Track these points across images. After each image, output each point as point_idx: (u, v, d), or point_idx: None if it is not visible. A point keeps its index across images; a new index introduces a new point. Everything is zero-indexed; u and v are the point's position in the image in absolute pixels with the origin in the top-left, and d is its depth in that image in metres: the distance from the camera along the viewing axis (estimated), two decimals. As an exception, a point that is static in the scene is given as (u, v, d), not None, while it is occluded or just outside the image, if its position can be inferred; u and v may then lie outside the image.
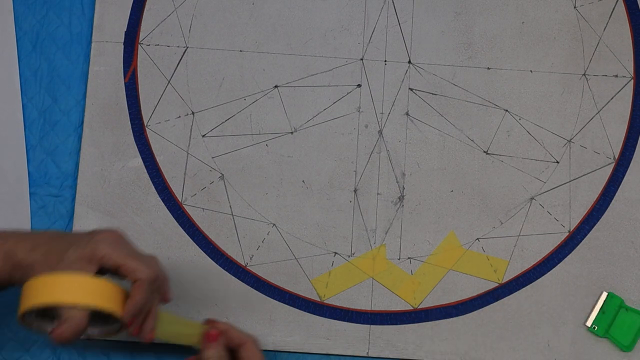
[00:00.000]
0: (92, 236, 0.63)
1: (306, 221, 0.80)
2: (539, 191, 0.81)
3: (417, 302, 0.79)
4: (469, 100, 0.83)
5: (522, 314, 0.79)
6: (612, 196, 0.81)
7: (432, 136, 0.82)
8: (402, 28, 0.84)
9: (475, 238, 0.81)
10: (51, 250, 0.61)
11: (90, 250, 0.61)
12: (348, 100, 0.83)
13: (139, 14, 0.84)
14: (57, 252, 0.61)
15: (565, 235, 0.81)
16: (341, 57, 0.84)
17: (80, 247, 0.61)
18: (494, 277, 0.80)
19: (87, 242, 0.62)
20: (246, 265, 0.80)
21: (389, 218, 0.81)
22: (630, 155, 0.82)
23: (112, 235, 0.63)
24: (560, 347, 0.79)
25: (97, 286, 0.61)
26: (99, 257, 0.61)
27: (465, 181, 0.81)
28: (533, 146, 0.82)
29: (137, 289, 0.62)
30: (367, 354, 0.78)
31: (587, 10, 0.85)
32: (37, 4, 0.84)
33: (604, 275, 0.80)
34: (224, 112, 0.82)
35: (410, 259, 0.80)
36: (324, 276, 0.79)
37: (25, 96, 0.82)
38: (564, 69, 0.84)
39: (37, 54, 0.83)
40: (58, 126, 0.82)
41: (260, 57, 0.83)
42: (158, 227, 0.80)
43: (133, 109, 0.82)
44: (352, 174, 0.81)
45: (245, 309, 0.79)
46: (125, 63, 0.83)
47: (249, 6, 0.84)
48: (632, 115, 0.83)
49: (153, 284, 0.63)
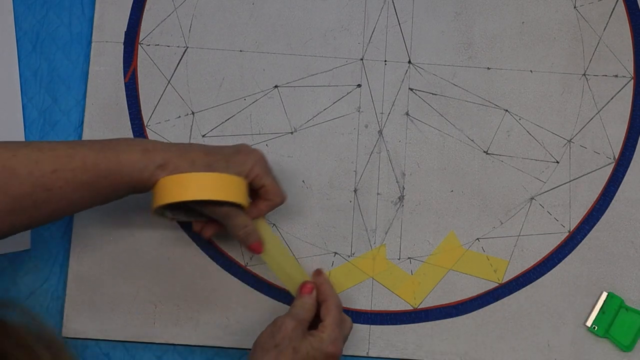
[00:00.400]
0: (247, 155, 0.70)
1: (306, 221, 0.80)
2: (539, 191, 0.81)
3: (417, 302, 0.79)
4: (469, 100, 0.83)
5: (522, 314, 0.79)
6: (612, 196, 0.81)
7: (432, 136, 0.82)
8: (402, 28, 0.84)
9: (475, 238, 0.81)
10: (211, 166, 0.68)
11: (249, 168, 0.69)
12: (348, 100, 0.83)
13: (139, 14, 0.84)
14: (216, 168, 0.68)
15: (565, 235, 0.81)
16: (341, 57, 0.84)
17: (238, 165, 0.69)
18: (494, 277, 0.80)
19: (244, 162, 0.69)
20: (246, 265, 0.80)
21: (389, 218, 0.81)
22: (630, 155, 0.82)
23: (262, 157, 0.71)
24: (560, 347, 0.79)
25: (234, 182, 0.68)
26: (253, 176, 0.70)
27: (465, 181, 0.81)
28: (533, 146, 0.82)
29: (268, 207, 0.72)
30: (367, 354, 0.78)
31: (587, 10, 0.85)
32: (37, 4, 0.84)
33: (604, 275, 0.80)
34: (224, 112, 0.82)
35: (410, 259, 0.80)
36: (324, 276, 0.79)
37: (25, 96, 0.82)
38: (564, 69, 0.84)
39: (37, 54, 0.83)
40: (58, 126, 0.82)
41: (260, 57, 0.83)
42: (158, 226, 0.80)
43: (133, 109, 0.82)
44: (352, 174, 0.81)
45: (245, 309, 0.79)
46: (125, 63, 0.83)
47: (249, 6, 0.84)
48: (632, 115, 0.83)
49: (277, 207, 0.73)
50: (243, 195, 0.69)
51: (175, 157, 0.66)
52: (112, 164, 0.65)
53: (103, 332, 0.78)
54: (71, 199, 0.64)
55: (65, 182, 0.63)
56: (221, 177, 0.67)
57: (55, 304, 0.79)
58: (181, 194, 0.66)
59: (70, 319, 0.78)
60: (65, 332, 0.78)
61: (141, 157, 0.66)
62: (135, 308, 0.78)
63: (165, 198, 0.66)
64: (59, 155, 0.63)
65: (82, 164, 0.64)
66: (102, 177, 0.64)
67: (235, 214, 0.70)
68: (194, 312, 0.78)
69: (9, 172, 0.61)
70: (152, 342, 0.78)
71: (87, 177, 0.64)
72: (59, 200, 0.64)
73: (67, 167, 0.63)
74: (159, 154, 0.66)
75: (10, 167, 0.62)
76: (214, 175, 0.67)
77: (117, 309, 0.78)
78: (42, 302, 0.79)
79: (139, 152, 0.66)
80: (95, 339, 0.78)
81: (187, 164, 0.67)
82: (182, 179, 0.66)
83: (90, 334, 0.78)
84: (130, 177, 0.65)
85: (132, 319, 0.78)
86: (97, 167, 0.64)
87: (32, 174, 0.62)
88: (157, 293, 0.78)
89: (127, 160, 0.65)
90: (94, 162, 0.64)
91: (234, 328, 0.78)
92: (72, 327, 0.78)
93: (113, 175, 0.65)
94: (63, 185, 0.63)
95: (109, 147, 0.66)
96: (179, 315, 0.78)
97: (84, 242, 0.79)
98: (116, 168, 0.65)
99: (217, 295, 0.79)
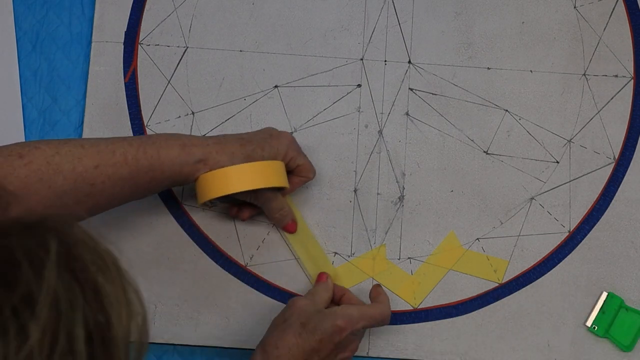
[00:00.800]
0: (278, 139, 0.73)
1: (306, 221, 0.80)
2: (539, 191, 0.81)
3: (417, 302, 0.79)
4: (469, 100, 0.83)
5: (522, 314, 0.79)
6: (612, 196, 0.81)
7: (432, 136, 0.82)
8: (402, 28, 0.84)
9: (475, 238, 0.81)
10: (250, 156, 0.70)
11: (284, 152, 0.73)
12: (348, 100, 0.83)
13: (139, 14, 0.84)
14: (254, 157, 0.71)
15: (565, 235, 0.81)
16: (341, 57, 0.84)
17: (273, 150, 0.72)
18: (494, 277, 0.80)
19: (278, 146, 0.72)
20: (246, 265, 0.80)
21: (389, 218, 0.81)
22: (630, 155, 0.82)
23: (292, 138, 0.75)
24: (560, 347, 0.78)
25: (274, 167, 0.72)
26: (288, 159, 0.73)
27: (465, 181, 0.81)
28: (533, 146, 0.82)
29: (301, 182, 0.77)
30: (367, 354, 0.78)
31: (587, 10, 0.85)
32: (37, 4, 0.84)
33: (604, 275, 0.80)
34: (224, 112, 0.82)
35: (410, 259, 0.80)
36: (324, 276, 0.79)
37: (25, 96, 0.82)
38: (564, 69, 0.84)
39: (37, 54, 0.83)
40: (58, 126, 0.82)
41: (260, 57, 0.83)
42: (158, 226, 0.80)
43: (133, 109, 0.82)
44: (352, 174, 0.81)
45: (245, 309, 0.78)
46: (125, 63, 0.83)
47: (249, 6, 0.84)
48: (632, 115, 0.83)
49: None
50: (284, 178, 0.73)
51: (214, 152, 0.69)
52: (153, 160, 0.67)
53: (103, 332, 0.78)
54: (112, 193, 0.66)
55: (107, 177, 0.65)
56: (262, 165, 0.70)
57: (55, 304, 0.79)
58: (228, 187, 0.69)
59: (70, 319, 0.78)
60: (65, 332, 0.78)
61: (180, 152, 0.68)
62: (135, 308, 0.78)
63: (214, 192, 0.69)
64: (101, 150, 0.65)
65: (124, 159, 0.66)
66: (142, 172, 0.66)
67: (274, 197, 0.73)
68: (194, 312, 0.78)
69: (54, 168, 0.63)
70: (152, 342, 0.78)
71: (127, 172, 0.66)
72: (99, 195, 0.65)
73: (108, 163, 0.65)
74: (198, 149, 0.68)
75: (54, 164, 0.63)
76: (255, 165, 0.70)
77: (117, 309, 0.78)
78: (42, 302, 0.79)
79: (178, 147, 0.68)
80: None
81: (226, 158, 0.69)
82: (226, 173, 0.69)
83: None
84: (171, 171, 0.68)
85: (132, 319, 0.78)
86: (137, 162, 0.66)
87: (75, 170, 0.64)
88: (157, 293, 0.78)
89: (166, 156, 0.67)
90: (135, 157, 0.66)
91: (234, 328, 0.78)
92: (72, 327, 0.78)
93: (153, 171, 0.67)
94: (105, 180, 0.65)
95: (147, 143, 0.67)
96: (179, 315, 0.78)
97: (84, 242, 0.79)
98: (157, 163, 0.67)
99: (217, 295, 0.79)
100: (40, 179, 0.62)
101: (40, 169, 0.62)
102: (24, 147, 0.63)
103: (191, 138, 0.70)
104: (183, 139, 0.69)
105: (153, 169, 0.67)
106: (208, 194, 0.70)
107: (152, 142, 0.67)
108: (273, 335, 0.67)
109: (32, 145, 0.63)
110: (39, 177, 0.62)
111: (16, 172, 0.61)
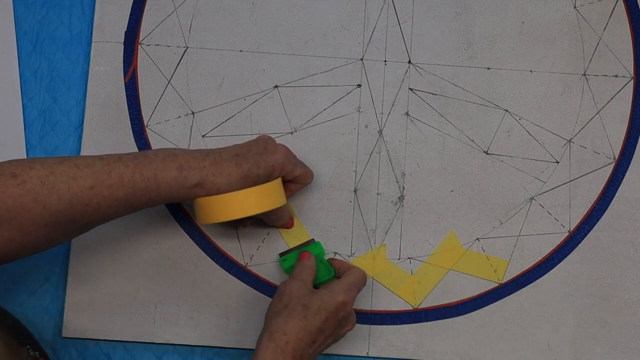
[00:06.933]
0: (274, 154, 0.72)
1: (306, 221, 0.80)
2: (539, 191, 0.81)
3: (417, 302, 0.79)
4: (469, 100, 0.83)
5: (522, 314, 0.79)
6: (612, 196, 0.81)
7: (432, 136, 0.82)
8: (402, 28, 0.84)
9: (475, 238, 0.81)
10: (246, 177, 0.70)
11: (280, 168, 0.73)
12: (348, 100, 0.83)
13: (139, 14, 0.84)
14: (250, 176, 0.70)
15: (565, 235, 0.81)
16: (341, 57, 0.84)
17: (269, 167, 0.71)
18: (494, 277, 0.80)
19: (273, 162, 0.72)
20: (246, 265, 0.80)
21: (389, 218, 0.81)
22: (630, 155, 0.82)
23: (287, 151, 0.74)
24: (560, 347, 0.79)
25: (271, 189, 0.72)
26: (285, 172, 0.73)
27: (465, 181, 0.81)
28: (533, 146, 0.82)
29: (299, 188, 0.78)
30: (367, 354, 0.78)
31: (587, 10, 0.85)
32: (37, 4, 0.84)
33: (604, 275, 0.80)
34: (224, 112, 0.82)
35: (410, 259, 0.80)
36: (324, 276, 0.79)
37: (25, 96, 0.82)
38: (564, 69, 0.84)
39: (37, 54, 0.83)
40: (58, 126, 0.82)
41: (260, 57, 0.83)
42: (158, 226, 0.80)
43: (133, 109, 0.82)
44: (352, 174, 0.81)
45: (245, 309, 0.79)
46: (125, 63, 0.83)
47: (249, 6, 0.84)
48: (632, 115, 0.83)
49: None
50: (281, 197, 0.73)
51: (210, 174, 0.68)
52: (150, 182, 0.66)
53: (103, 332, 0.78)
54: (107, 213, 0.66)
55: (102, 197, 0.65)
56: (259, 190, 0.70)
57: (55, 304, 0.79)
58: (226, 214, 0.69)
59: (70, 319, 0.78)
60: (65, 332, 0.78)
61: (177, 175, 0.67)
62: (135, 308, 0.78)
63: (212, 218, 0.70)
64: (96, 171, 0.65)
65: (119, 181, 0.65)
66: (138, 194, 0.66)
67: (274, 209, 0.73)
68: (194, 312, 0.78)
69: (49, 188, 0.63)
70: (152, 342, 0.78)
71: (123, 193, 0.66)
72: (94, 215, 0.66)
73: (104, 184, 0.65)
74: (195, 172, 0.68)
75: (49, 183, 0.63)
76: (252, 191, 0.70)
77: (117, 309, 0.78)
78: (42, 302, 0.79)
79: (175, 170, 0.67)
80: (95, 339, 0.78)
81: (223, 181, 0.69)
82: (225, 201, 0.69)
83: (90, 334, 0.78)
84: (168, 193, 0.68)
85: (132, 319, 0.78)
86: (134, 184, 0.66)
87: (70, 190, 0.64)
88: (157, 293, 0.79)
89: (163, 179, 0.67)
90: (131, 179, 0.66)
91: (234, 328, 0.78)
92: (72, 327, 0.78)
93: (149, 193, 0.67)
94: (100, 201, 0.65)
95: (144, 163, 0.67)
96: (179, 315, 0.78)
97: (84, 242, 0.79)
98: (153, 186, 0.67)
99: (217, 295, 0.79)
100: (34, 198, 0.62)
101: (34, 188, 0.62)
102: (18, 167, 0.63)
103: (188, 159, 0.69)
104: (180, 160, 0.68)
105: (149, 191, 0.67)
106: (206, 219, 0.70)
107: (149, 163, 0.67)
108: (277, 322, 0.67)
109: (26, 165, 0.63)
110: (33, 197, 0.62)
111: (9, 191, 0.61)
